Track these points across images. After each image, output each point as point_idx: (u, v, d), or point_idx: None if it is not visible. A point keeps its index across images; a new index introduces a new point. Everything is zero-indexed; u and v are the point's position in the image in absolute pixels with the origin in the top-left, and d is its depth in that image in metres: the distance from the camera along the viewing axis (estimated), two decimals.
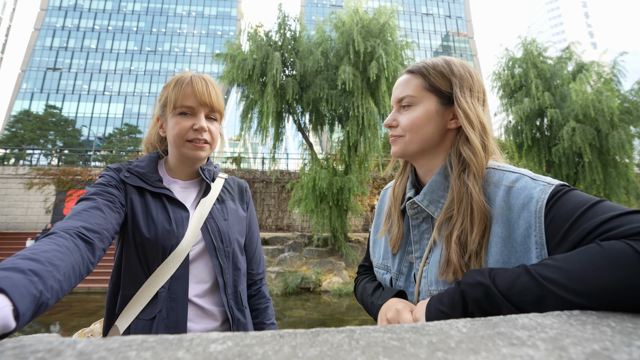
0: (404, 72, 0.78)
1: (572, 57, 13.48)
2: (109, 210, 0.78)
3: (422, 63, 0.76)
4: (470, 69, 0.74)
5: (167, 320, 0.83)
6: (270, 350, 0.28)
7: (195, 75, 0.92)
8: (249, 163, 19.63)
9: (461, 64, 0.74)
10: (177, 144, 0.91)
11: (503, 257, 0.58)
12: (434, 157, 0.74)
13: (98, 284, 9.41)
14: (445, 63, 0.74)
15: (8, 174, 15.27)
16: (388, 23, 10.37)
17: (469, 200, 0.63)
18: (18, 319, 0.44)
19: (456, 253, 0.62)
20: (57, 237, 0.62)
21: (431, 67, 0.74)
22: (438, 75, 0.72)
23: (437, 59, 0.76)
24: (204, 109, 0.91)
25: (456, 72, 0.72)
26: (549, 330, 0.34)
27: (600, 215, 0.50)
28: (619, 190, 11.67)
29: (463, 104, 0.69)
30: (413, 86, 0.74)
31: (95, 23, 44.29)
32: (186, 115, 0.90)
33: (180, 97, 0.89)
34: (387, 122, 0.77)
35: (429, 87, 0.73)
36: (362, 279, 0.92)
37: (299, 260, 10.79)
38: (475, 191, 0.63)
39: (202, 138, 0.91)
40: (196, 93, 0.89)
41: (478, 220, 0.61)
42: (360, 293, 0.87)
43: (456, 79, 0.72)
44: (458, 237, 0.63)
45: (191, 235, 0.89)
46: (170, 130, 0.91)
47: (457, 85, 0.71)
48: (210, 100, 0.91)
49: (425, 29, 51.22)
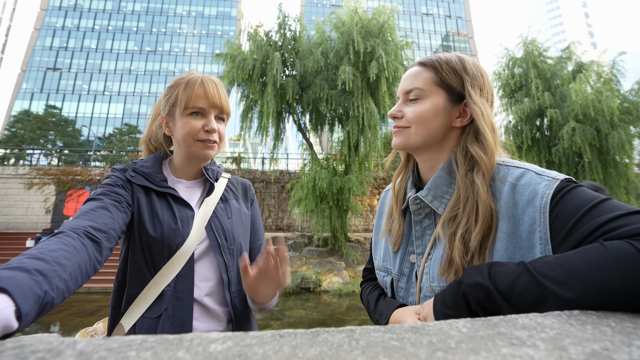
0: (416, 63, 0.76)
1: (572, 57, 13.48)
2: (116, 210, 0.79)
3: (435, 57, 0.74)
4: (482, 70, 0.73)
5: (172, 319, 0.84)
6: (270, 350, 0.28)
7: (205, 77, 0.94)
8: (249, 163, 19.64)
9: (474, 63, 0.73)
10: (187, 143, 0.92)
11: (508, 253, 0.58)
12: (436, 152, 0.73)
13: (98, 284, 9.42)
14: (458, 60, 0.73)
15: (8, 174, 15.26)
16: (387, 23, 10.37)
17: (475, 199, 0.63)
18: (21, 319, 0.44)
19: (459, 251, 0.61)
20: (65, 236, 0.62)
21: (444, 62, 0.72)
22: (450, 71, 0.71)
23: (450, 54, 0.74)
24: (214, 110, 0.94)
25: (469, 70, 0.71)
26: (549, 330, 0.34)
27: (605, 214, 0.49)
28: (619, 190, 11.67)
29: (478, 101, 0.69)
30: (423, 79, 0.72)
31: (95, 23, 44.31)
32: (197, 116, 0.92)
33: (192, 97, 0.90)
34: (392, 112, 0.76)
35: (439, 82, 0.71)
36: (365, 287, 0.92)
37: (299, 260, 10.79)
38: (483, 190, 0.62)
39: (212, 139, 0.93)
40: (208, 95, 0.91)
41: (482, 219, 0.61)
42: (365, 305, 0.87)
43: (468, 77, 0.71)
44: (462, 236, 0.62)
45: (196, 234, 0.90)
46: (179, 129, 0.92)
47: (469, 83, 0.70)
48: (221, 102, 0.94)
49: (425, 29, 51.24)
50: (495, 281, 0.50)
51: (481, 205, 0.61)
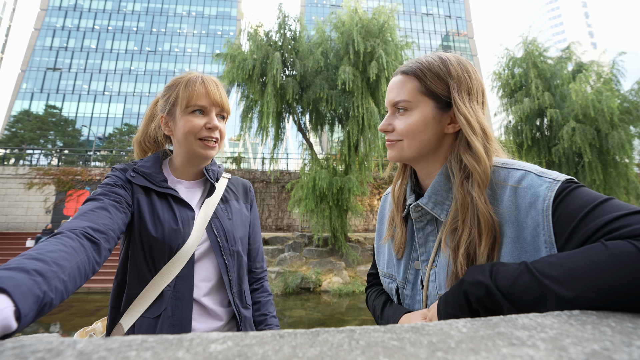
0: (398, 72, 0.74)
1: (572, 57, 13.48)
2: (116, 211, 0.79)
3: (416, 63, 0.71)
4: (467, 67, 0.70)
5: (172, 319, 0.84)
6: (270, 350, 0.28)
7: (205, 76, 0.95)
8: (249, 163, 19.64)
9: (458, 62, 0.70)
10: (189, 141, 0.92)
11: (514, 258, 0.57)
12: (432, 160, 0.72)
13: (98, 284, 9.42)
14: (441, 63, 0.70)
15: (8, 174, 15.26)
16: (387, 23, 10.37)
17: (475, 211, 0.61)
18: (20, 320, 0.44)
19: (463, 268, 0.60)
20: (64, 237, 0.62)
21: (427, 68, 0.70)
22: (434, 77, 0.69)
23: (432, 57, 0.71)
24: (215, 109, 0.94)
25: (453, 74, 0.68)
26: (549, 330, 0.34)
27: (607, 214, 0.49)
28: (619, 190, 11.67)
29: (463, 109, 0.66)
30: (408, 90, 0.70)
31: (95, 23, 44.27)
32: (198, 114, 0.92)
33: (194, 96, 0.91)
34: (382, 126, 0.74)
35: (425, 91, 0.69)
36: (370, 292, 0.91)
37: (299, 260, 10.79)
38: (481, 202, 0.60)
39: (214, 137, 0.94)
40: (209, 93, 0.92)
41: (486, 233, 0.59)
42: (372, 310, 0.86)
43: (454, 81, 0.68)
44: (466, 251, 0.61)
45: (196, 235, 0.91)
46: (180, 128, 0.92)
47: (455, 88, 0.68)
48: (222, 100, 0.94)
49: (425, 29, 51.21)
50: (496, 280, 0.50)
51: (482, 218, 0.60)
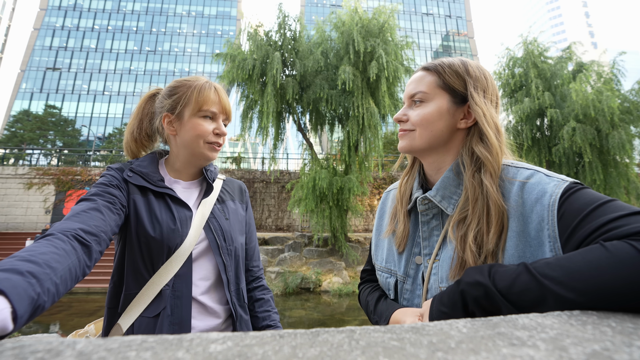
0: (420, 68, 0.78)
1: (572, 57, 13.47)
2: (109, 212, 0.79)
3: (438, 61, 0.76)
4: (485, 72, 0.74)
5: (171, 317, 0.84)
6: (270, 351, 0.28)
7: (215, 84, 1.00)
8: (249, 163, 19.63)
9: (477, 66, 0.75)
10: (196, 144, 0.95)
11: (518, 252, 0.58)
12: (442, 154, 0.74)
13: (98, 284, 9.42)
14: (461, 63, 0.74)
15: (8, 174, 15.26)
16: (388, 22, 10.37)
17: (485, 200, 0.63)
18: (16, 321, 0.44)
19: (472, 254, 0.61)
20: (55, 239, 0.61)
21: (447, 65, 0.74)
22: (453, 74, 0.73)
23: (454, 58, 0.76)
24: (222, 116, 0.99)
25: (471, 73, 0.73)
26: (549, 330, 0.34)
27: (609, 214, 0.50)
28: (619, 190, 11.68)
29: (479, 102, 0.70)
30: (427, 83, 0.74)
31: (94, 23, 44.28)
32: (208, 119, 0.96)
33: (208, 101, 0.95)
34: (397, 116, 0.77)
35: (442, 85, 0.73)
36: (364, 288, 0.91)
37: (299, 260, 10.79)
38: (492, 190, 0.63)
39: (221, 142, 0.99)
40: (221, 101, 0.98)
41: (495, 220, 0.61)
42: (364, 306, 0.87)
43: (471, 79, 0.72)
44: (474, 238, 0.62)
45: (194, 234, 0.91)
46: (188, 130, 0.94)
47: (472, 84, 0.72)
48: (229, 109, 1.01)
49: (425, 28, 51.23)
50: (495, 280, 0.50)
51: (492, 205, 0.62)
